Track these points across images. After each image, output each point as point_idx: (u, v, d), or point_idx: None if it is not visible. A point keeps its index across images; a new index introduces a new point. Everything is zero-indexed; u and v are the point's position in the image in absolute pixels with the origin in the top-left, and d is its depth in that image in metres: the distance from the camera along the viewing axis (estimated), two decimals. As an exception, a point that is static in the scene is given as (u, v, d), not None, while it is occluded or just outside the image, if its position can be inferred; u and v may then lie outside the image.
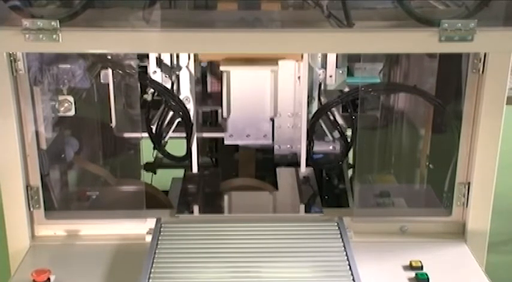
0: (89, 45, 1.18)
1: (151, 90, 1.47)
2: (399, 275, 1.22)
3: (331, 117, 1.50)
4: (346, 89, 1.52)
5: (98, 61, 1.47)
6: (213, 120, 1.70)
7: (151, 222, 1.34)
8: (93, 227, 1.36)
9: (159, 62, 1.44)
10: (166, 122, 1.48)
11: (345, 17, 1.17)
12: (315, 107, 1.55)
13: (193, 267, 1.19)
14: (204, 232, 1.30)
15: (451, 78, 1.42)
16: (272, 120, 1.55)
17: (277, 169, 1.62)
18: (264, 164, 1.68)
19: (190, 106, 1.48)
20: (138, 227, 1.35)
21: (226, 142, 1.57)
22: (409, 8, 1.17)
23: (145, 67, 1.46)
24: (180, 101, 1.45)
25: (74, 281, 1.21)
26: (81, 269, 1.25)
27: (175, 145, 1.57)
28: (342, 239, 1.28)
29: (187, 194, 1.53)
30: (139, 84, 1.48)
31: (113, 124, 1.53)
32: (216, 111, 1.65)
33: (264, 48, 1.22)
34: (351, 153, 1.63)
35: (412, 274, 1.22)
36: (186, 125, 1.46)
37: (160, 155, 1.71)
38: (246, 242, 1.27)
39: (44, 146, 1.35)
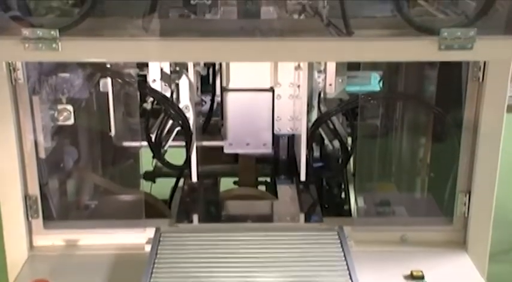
0: (89, 54, 1.18)
1: (151, 98, 1.47)
2: (400, 285, 1.22)
3: (331, 126, 1.50)
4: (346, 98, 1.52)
5: (97, 70, 1.48)
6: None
7: (150, 232, 1.34)
8: (92, 236, 1.36)
9: (162, 71, 1.44)
10: (165, 130, 1.48)
11: (344, 25, 1.18)
12: (314, 115, 1.55)
13: (193, 277, 1.19)
14: (203, 241, 1.30)
15: (451, 86, 1.42)
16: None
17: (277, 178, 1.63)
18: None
19: (190, 115, 1.48)
20: (137, 237, 1.34)
21: (226, 151, 1.57)
22: (409, 16, 1.17)
23: (145, 76, 1.47)
24: (180, 109, 1.46)
25: (73, 292, 1.21)
26: (79, 280, 1.24)
27: (175, 154, 1.57)
28: (342, 248, 1.27)
29: (186, 203, 1.53)
30: (138, 93, 1.48)
31: (112, 133, 1.53)
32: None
33: (263, 57, 1.23)
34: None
35: (413, 284, 1.22)
36: (185, 134, 1.46)
37: (159, 164, 1.70)
38: (245, 252, 1.26)
39: (42, 155, 1.35)
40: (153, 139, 1.47)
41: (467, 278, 1.26)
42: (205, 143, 1.62)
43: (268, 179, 1.83)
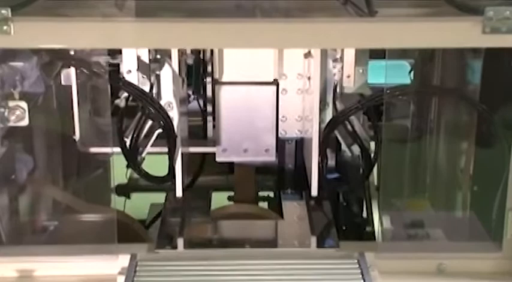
0: (48, 39, 1.20)
1: (125, 94, 1.48)
2: (436, 326, 1.24)
3: (350, 128, 1.51)
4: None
5: (58, 58, 1.49)
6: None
7: (124, 260, 1.35)
8: (52, 265, 1.37)
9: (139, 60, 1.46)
10: (143, 133, 1.49)
11: (366, 3, 1.19)
12: (328, 114, 1.56)
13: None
14: (189, 272, 1.31)
15: (498, 78, 1.43)
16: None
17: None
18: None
19: (174, 114, 1.49)
20: (108, 266, 1.35)
21: (218, 159, 1.58)
22: (446, -8, 1.19)
23: (118, 65, 1.48)
24: (161, 107, 1.47)
25: None
26: (36, 319, 1.26)
27: (155, 162, 1.58)
28: (364, 280, 1.29)
29: (169, 224, 1.54)
30: (109, 87, 1.49)
31: (77, 136, 1.55)
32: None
33: (265, 43, 1.24)
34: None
35: (452, 324, 1.23)
36: (168, 137, 1.47)
37: (135, 175, 1.72)
38: (243, 285, 1.28)
39: (-11, 165, 1.36)
40: (127, 144, 1.48)
41: (520, 317, 1.27)
42: (193, 149, 1.63)
43: (271, 194, 1.85)
